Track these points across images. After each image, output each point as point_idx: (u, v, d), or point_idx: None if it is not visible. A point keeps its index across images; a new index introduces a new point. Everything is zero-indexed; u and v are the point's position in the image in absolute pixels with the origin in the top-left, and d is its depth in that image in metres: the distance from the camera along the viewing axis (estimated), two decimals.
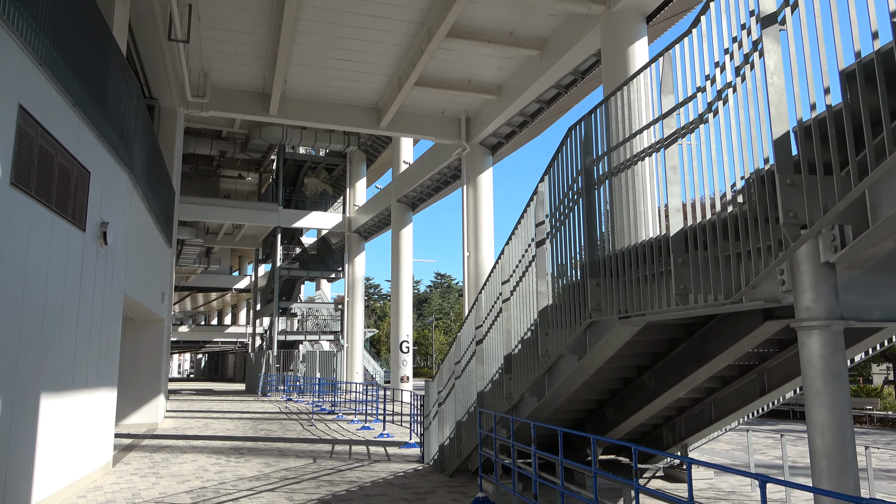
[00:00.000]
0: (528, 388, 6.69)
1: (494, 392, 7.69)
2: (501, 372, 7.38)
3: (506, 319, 7.22)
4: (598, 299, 5.18)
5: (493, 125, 20.04)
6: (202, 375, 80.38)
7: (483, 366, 8.14)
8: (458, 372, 9.12)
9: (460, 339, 9.22)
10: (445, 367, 10.03)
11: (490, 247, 21.29)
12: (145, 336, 16.96)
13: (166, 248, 16.96)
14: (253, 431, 16.02)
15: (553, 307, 5.93)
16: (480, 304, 8.31)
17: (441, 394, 10.15)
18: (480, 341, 8.16)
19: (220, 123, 34.07)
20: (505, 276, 7.29)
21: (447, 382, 9.81)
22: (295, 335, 37.35)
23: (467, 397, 8.75)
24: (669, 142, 4.20)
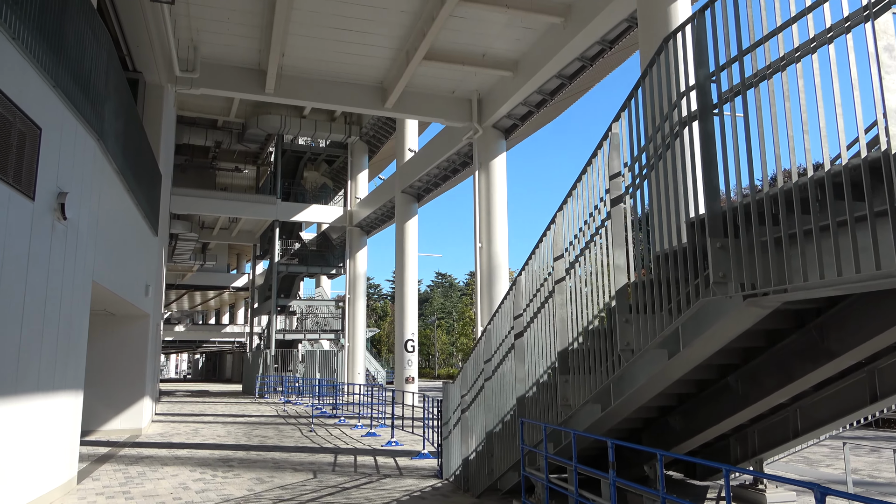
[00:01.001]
0: (594, 394, 5.13)
1: (542, 397, 6.13)
2: (553, 372, 5.82)
3: (559, 305, 5.66)
4: (725, 268, 3.61)
5: (507, 105, 18.47)
6: (200, 376, 78.82)
7: (524, 365, 6.58)
8: (489, 372, 7.56)
9: (491, 332, 7.66)
10: (471, 367, 8.47)
11: (504, 237, 19.74)
12: (128, 333, 15.39)
13: (152, 237, 15.39)
14: (246, 438, 14.45)
15: (638, 285, 4.37)
16: (520, 289, 6.75)
17: (465, 398, 8.59)
18: (520, 334, 6.61)
19: (215, 112, 32.52)
20: (558, 250, 5.73)
21: (473, 384, 8.25)
22: (294, 334, 35.76)
23: (501, 403, 7.20)
24: (882, 7, 2.64)
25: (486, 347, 7.68)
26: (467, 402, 8.49)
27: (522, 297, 6.70)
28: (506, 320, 7.11)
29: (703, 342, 4.34)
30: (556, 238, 5.77)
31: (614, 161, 4.79)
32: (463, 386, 8.71)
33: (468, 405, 8.44)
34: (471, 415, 8.34)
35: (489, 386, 7.56)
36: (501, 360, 7.17)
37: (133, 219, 12.61)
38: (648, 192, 4.33)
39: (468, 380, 8.58)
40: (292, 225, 37.16)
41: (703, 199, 3.73)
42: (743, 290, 3.69)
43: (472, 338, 63.38)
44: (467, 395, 8.51)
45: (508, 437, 6.92)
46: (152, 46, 15.20)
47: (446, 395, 9.64)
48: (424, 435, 11.81)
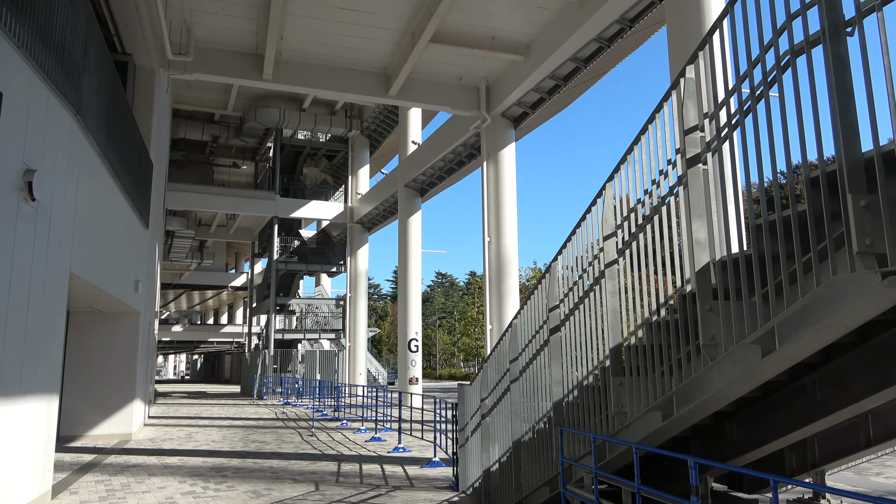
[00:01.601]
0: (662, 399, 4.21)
1: (586, 402, 5.21)
2: (603, 373, 4.90)
3: (611, 293, 4.74)
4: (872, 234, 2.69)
5: (518, 91, 17.53)
6: (198, 377, 77.91)
7: (561, 364, 5.66)
8: (515, 373, 6.64)
9: (517, 327, 6.74)
10: (492, 367, 7.55)
11: (513, 231, 18.81)
12: (117, 332, 14.47)
13: (142, 230, 14.46)
14: (243, 444, 13.52)
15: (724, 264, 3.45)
16: (555, 277, 5.83)
17: (485, 401, 7.67)
18: (556, 329, 5.68)
19: (212, 105, 31.59)
20: (608, 227, 4.81)
21: (495, 386, 7.33)
22: (293, 334, 34.84)
23: (532, 408, 6.28)
24: None
25: (512, 345, 6.76)
26: (488, 407, 7.57)
27: (558, 287, 5.78)
28: (536, 314, 6.19)
29: (813, 336, 3.41)
30: (606, 213, 4.84)
31: (690, 112, 3.86)
32: (483, 388, 7.79)
33: (489, 410, 7.52)
34: (493, 421, 7.42)
35: (516, 388, 6.64)
36: (531, 358, 6.25)
37: (120, 208, 11.68)
38: (743, 146, 3.40)
39: (489, 381, 7.66)
40: (291, 222, 36.23)
41: (837, 144, 2.81)
42: (889, 264, 2.76)
43: (475, 337, 62.41)
44: (488, 399, 7.59)
45: (542, 447, 6.00)
46: (142, 27, 14.28)
47: (462, 398, 8.71)
48: (436, 441, 10.88)
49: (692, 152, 3.82)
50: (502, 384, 7.09)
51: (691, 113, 3.89)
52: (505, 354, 7.01)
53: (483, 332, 62.22)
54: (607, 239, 4.81)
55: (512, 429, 6.68)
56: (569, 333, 5.53)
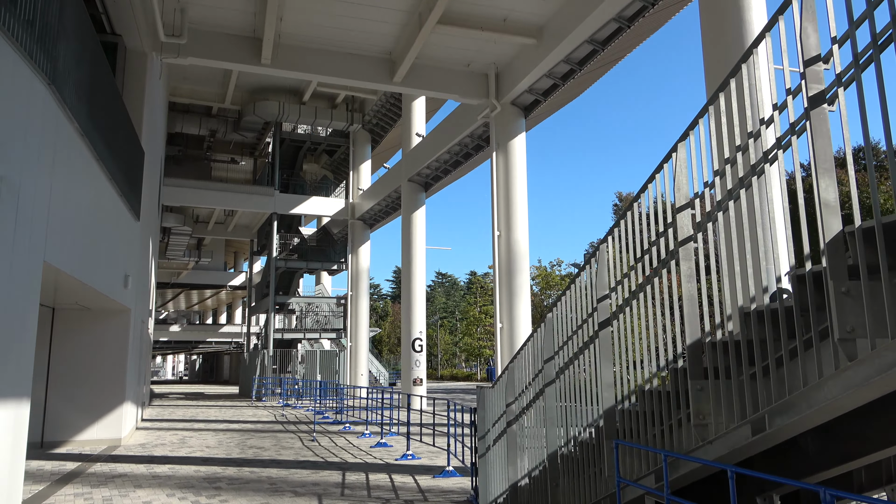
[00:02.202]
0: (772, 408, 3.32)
1: (648, 410, 4.31)
2: (673, 377, 4.01)
3: (686, 277, 3.84)
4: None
5: (530, 77, 16.63)
6: (196, 377, 77.02)
7: (613, 364, 4.77)
8: (551, 374, 5.74)
9: (552, 321, 5.84)
10: (521, 368, 6.66)
11: (524, 225, 17.92)
12: (105, 330, 13.59)
13: (132, 221, 13.55)
14: (239, 450, 12.62)
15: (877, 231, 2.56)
16: (603, 262, 4.93)
17: (511, 407, 6.77)
18: (607, 323, 4.79)
19: (209, 98, 30.69)
20: (682, 195, 3.91)
21: (525, 389, 6.44)
22: (293, 333, 33.95)
23: (573, 416, 5.39)
24: None
25: (547, 342, 5.86)
26: (515, 413, 6.68)
27: (609, 273, 4.89)
28: (579, 305, 5.30)
29: None
30: (680, 178, 3.95)
31: (810, 37, 2.97)
32: (508, 392, 6.89)
33: (517, 416, 6.63)
34: (522, 429, 6.53)
35: (551, 393, 5.74)
36: (572, 358, 5.36)
37: (106, 196, 10.78)
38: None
39: (516, 384, 6.76)
40: (291, 218, 35.35)
41: None
42: None
43: (477, 337, 61.50)
44: (515, 404, 6.69)
45: (586, 462, 5.11)
46: (132, 5, 13.38)
47: (482, 402, 7.82)
48: (449, 448, 9.98)
49: (815, 89, 2.93)
50: (533, 387, 6.20)
51: (811, 39, 2.99)
52: (538, 353, 6.12)
53: (487, 331, 61.44)
54: (680, 211, 3.92)
55: (547, 439, 5.79)
56: (623, 328, 4.64)
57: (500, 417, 7.19)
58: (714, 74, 9.74)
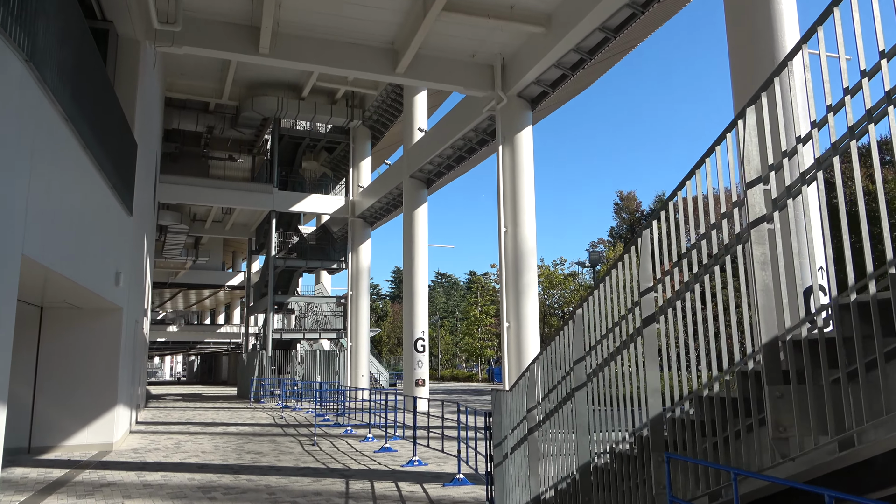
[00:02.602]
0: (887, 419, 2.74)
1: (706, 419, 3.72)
2: (740, 381, 3.42)
3: (760, 264, 3.25)
4: None
5: (538, 68, 16.05)
6: (194, 378, 76.39)
7: (658, 366, 4.19)
8: (581, 376, 5.15)
9: (581, 318, 5.25)
10: (544, 369, 6.07)
11: (531, 220, 17.33)
12: (96, 330, 12.98)
13: (123, 216, 12.95)
14: (237, 455, 12.02)
15: None
16: (647, 247, 4.35)
17: (533, 412, 6.18)
18: (651, 319, 4.20)
19: (206, 93, 30.08)
20: (752, 168, 3.31)
21: (549, 393, 5.85)
22: (292, 333, 33.35)
23: (609, 423, 4.80)
24: None
25: (576, 341, 5.27)
26: (538, 418, 6.09)
27: (652, 262, 4.30)
28: (616, 299, 4.71)
29: None
30: (749, 148, 3.36)
31: None
32: (529, 395, 6.30)
33: (540, 422, 6.04)
34: (546, 436, 5.93)
35: (582, 398, 5.16)
36: (608, 359, 4.77)
37: (94, 187, 10.18)
38: None
39: (538, 387, 6.17)
40: (290, 216, 34.76)
41: None
42: None
43: (478, 338, 60.90)
44: (538, 409, 6.11)
45: (625, 476, 4.52)
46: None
47: (499, 406, 7.23)
48: (459, 454, 9.39)
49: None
50: (560, 391, 5.62)
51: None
52: (566, 352, 5.53)
53: (489, 331, 60.85)
54: (752, 186, 3.33)
55: (577, 448, 5.20)
56: (674, 324, 4.05)
57: (519, 423, 6.60)
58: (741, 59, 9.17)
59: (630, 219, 73.48)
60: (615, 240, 65.16)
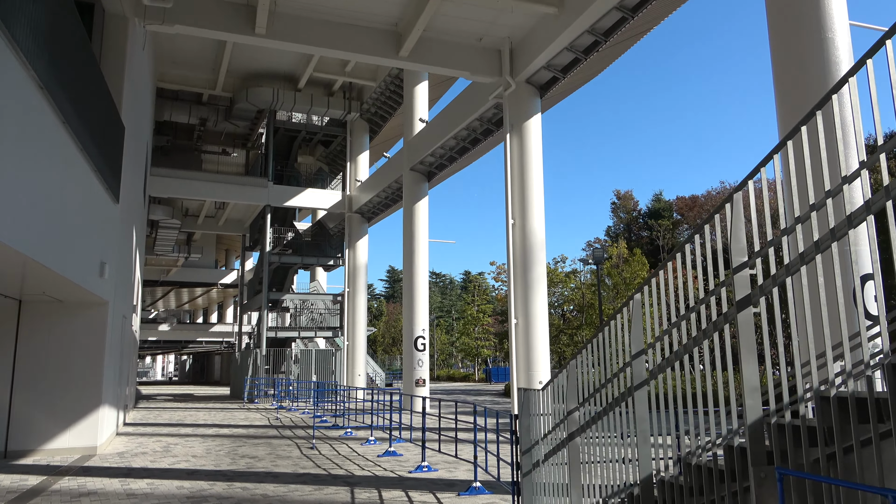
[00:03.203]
0: None
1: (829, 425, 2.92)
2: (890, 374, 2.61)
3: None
4: None
5: (549, 51, 15.27)
6: (186, 378, 75.30)
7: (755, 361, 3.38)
8: (642, 373, 4.35)
9: (638, 303, 4.45)
10: (588, 362, 5.26)
11: (540, 212, 16.54)
12: (79, 326, 12.11)
13: (108, 202, 12.08)
14: (230, 460, 11.16)
15: None
16: (739, 209, 3.54)
17: (575, 414, 5.36)
18: (748, 301, 3.39)
19: (199, 84, 29.17)
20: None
21: (596, 391, 5.04)
22: (287, 332, 32.44)
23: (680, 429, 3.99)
24: None
25: (635, 332, 4.46)
26: (581, 421, 5.27)
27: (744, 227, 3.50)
28: (682, 283, 3.91)
29: None
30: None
31: None
32: (570, 395, 5.48)
33: (584, 426, 5.22)
34: (592, 442, 5.12)
35: (643, 398, 4.35)
36: (679, 351, 3.97)
37: (76, 168, 9.31)
38: None
39: (580, 384, 5.36)
40: (285, 211, 33.88)
41: None
42: None
43: (475, 337, 60.09)
44: (581, 411, 5.29)
45: (706, 492, 3.72)
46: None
47: (527, 407, 6.42)
48: (476, 459, 8.56)
49: None
50: (610, 389, 4.81)
51: None
52: (614, 347, 4.72)
53: (486, 331, 60.04)
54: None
55: (638, 457, 4.39)
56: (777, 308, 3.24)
57: (555, 427, 5.79)
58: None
59: (627, 218, 73.01)
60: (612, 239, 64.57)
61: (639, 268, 30.28)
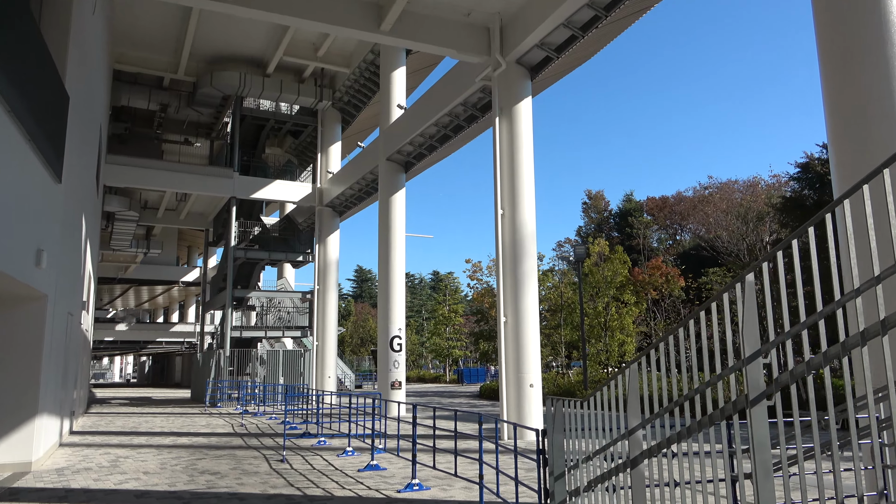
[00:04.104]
0: None
1: None
2: None
3: None
4: None
5: (544, 27, 14.10)
6: (146, 380, 72.40)
7: None
8: (758, 381, 3.15)
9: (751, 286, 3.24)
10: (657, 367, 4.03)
11: (531, 202, 15.38)
12: (9, 322, 10.48)
13: (48, 181, 10.48)
14: (187, 477, 9.69)
15: None
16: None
17: (638, 434, 4.13)
18: None
19: (160, 67, 27.34)
20: None
21: (678, 403, 3.82)
22: (252, 331, 30.73)
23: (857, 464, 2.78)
24: None
25: (749, 326, 3.26)
26: (646, 444, 4.05)
27: None
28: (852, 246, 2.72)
29: None
30: None
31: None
32: (631, 408, 4.25)
33: (652, 448, 4.00)
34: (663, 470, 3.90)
35: (762, 415, 3.14)
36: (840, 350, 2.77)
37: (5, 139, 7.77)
38: None
39: (633, 398, 4.14)
40: (251, 205, 32.17)
41: None
42: None
43: (446, 338, 58.82)
44: (646, 430, 4.07)
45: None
46: None
47: (559, 421, 5.18)
48: (482, 480, 7.27)
49: None
50: (699, 402, 3.59)
51: None
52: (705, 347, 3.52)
53: (457, 331, 58.81)
54: None
55: (756, 495, 3.18)
56: None
57: (605, 448, 4.56)
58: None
59: (598, 218, 72.61)
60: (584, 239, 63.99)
61: (620, 266, 29.39)
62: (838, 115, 7.39)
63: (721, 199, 32.31)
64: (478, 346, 47.45)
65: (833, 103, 7.46)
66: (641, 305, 30.36)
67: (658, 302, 32.06)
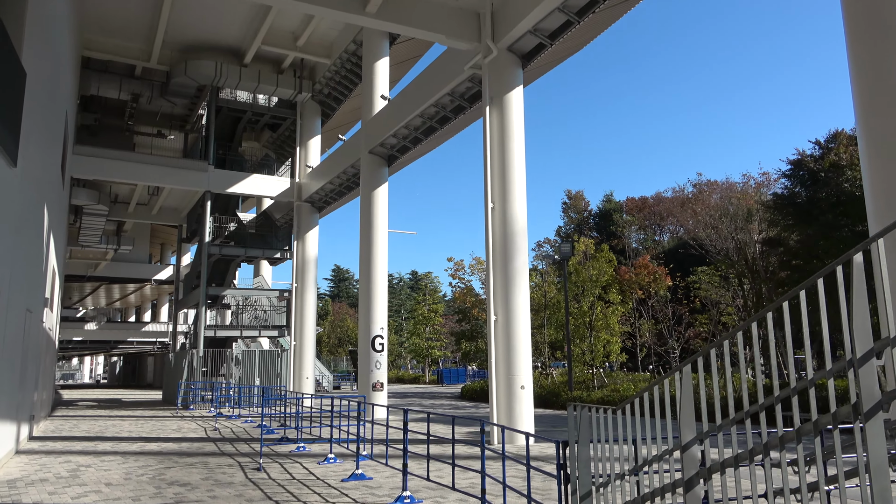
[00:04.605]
0: None
1: None
2: None
3: None
4: None
5: (538, 12, 13.41)
6: (116, 381, 70.45)
7: None
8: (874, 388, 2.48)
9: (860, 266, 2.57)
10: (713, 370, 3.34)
11: (522, 195, 14.70)
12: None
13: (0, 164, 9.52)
14: (154, 489, 8.81)
15: None
16: None
17: (694, 450, 3.44)
18: None
19: (131, 55, 26.21)
20: None
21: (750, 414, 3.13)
22: (227, 330, 29.63)
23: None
24: None
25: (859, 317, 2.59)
26: (703, 459, 3.35)
27: None
28: None
29: None
30: None
31: None
32: (684, 418, 3.55)
33: (712, 466, 3.30)
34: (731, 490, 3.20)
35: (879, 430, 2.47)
36: None
37: None
38: None
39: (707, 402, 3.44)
40: (227, 199, 31.06)
41: None
42: None
43: (426, 338, 58.05)
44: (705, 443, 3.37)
45: None
46: None
47: (585, 432, 4.47)
48: (484, 494, 6.54)
49: None
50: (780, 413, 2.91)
51: None
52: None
53: (436, 331, 58.04)
54: None
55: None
56: None
57: (645, 464, 3.86)
58: None
59: (578, 218, 72.40)
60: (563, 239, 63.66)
61: (605, 265, 28.89)
62: (866, 87, 6.83)
63: (711, 196, 32.03)
64: (459, 346, 46.78)
65: (861, 77, 6.90)
66: (627, 305, 29.91)
67: (644, 301, 31.63)
